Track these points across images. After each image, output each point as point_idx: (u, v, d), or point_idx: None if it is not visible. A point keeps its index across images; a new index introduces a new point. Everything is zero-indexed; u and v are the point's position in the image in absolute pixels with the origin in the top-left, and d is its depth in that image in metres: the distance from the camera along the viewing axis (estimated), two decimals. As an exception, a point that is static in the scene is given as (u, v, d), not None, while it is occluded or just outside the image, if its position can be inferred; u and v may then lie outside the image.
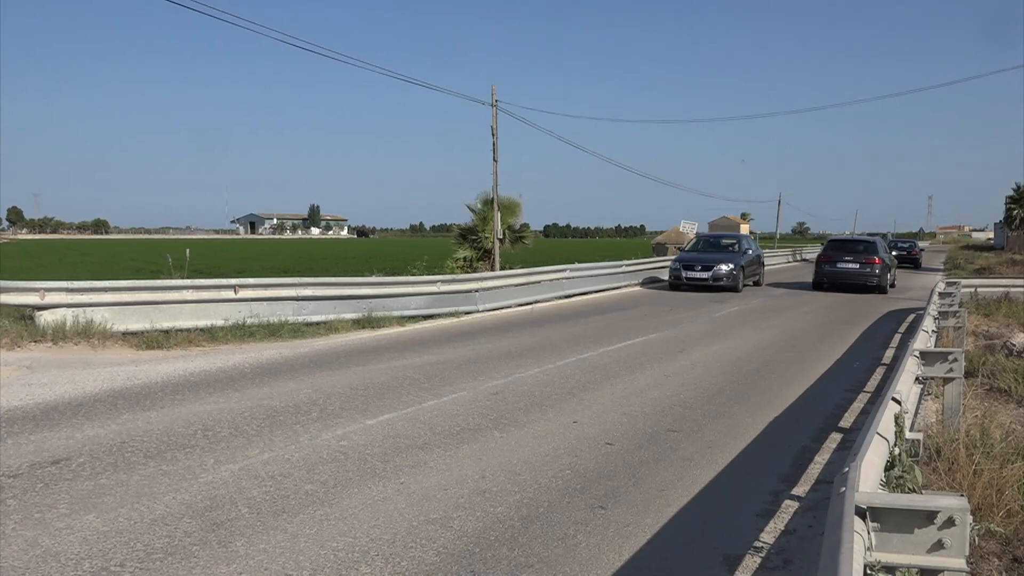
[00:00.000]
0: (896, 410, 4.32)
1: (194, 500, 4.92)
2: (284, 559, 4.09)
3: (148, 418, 6.89)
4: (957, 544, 2.53)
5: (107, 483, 5.20)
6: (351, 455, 5.92)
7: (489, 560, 4.14)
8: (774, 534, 4.63)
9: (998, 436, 5.81)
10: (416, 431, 6.63)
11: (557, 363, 10.05)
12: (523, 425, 6.90)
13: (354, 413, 7.20)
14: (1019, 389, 8.25)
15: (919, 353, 6.31)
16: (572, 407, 7.61)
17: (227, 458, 5.79)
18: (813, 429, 7.04)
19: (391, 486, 5.25)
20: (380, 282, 14.96)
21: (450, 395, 8.05)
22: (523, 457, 5.95)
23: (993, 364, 9.20)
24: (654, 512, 4.89)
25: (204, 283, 12.48)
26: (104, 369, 9.08)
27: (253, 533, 4.42)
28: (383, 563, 4.07)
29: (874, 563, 2.57)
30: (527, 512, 4.84)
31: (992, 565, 4.13)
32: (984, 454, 5.19)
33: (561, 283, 19.94)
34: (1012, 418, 7.27)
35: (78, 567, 3.96)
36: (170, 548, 4.20)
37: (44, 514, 4.64)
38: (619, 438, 6.55)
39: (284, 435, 6.42)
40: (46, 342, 10.22)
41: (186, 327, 11.49)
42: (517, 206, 25.09)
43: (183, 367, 9.31)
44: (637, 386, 8.68)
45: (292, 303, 12.85)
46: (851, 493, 2.67)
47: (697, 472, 5.70)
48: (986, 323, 14.35)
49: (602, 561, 4.17)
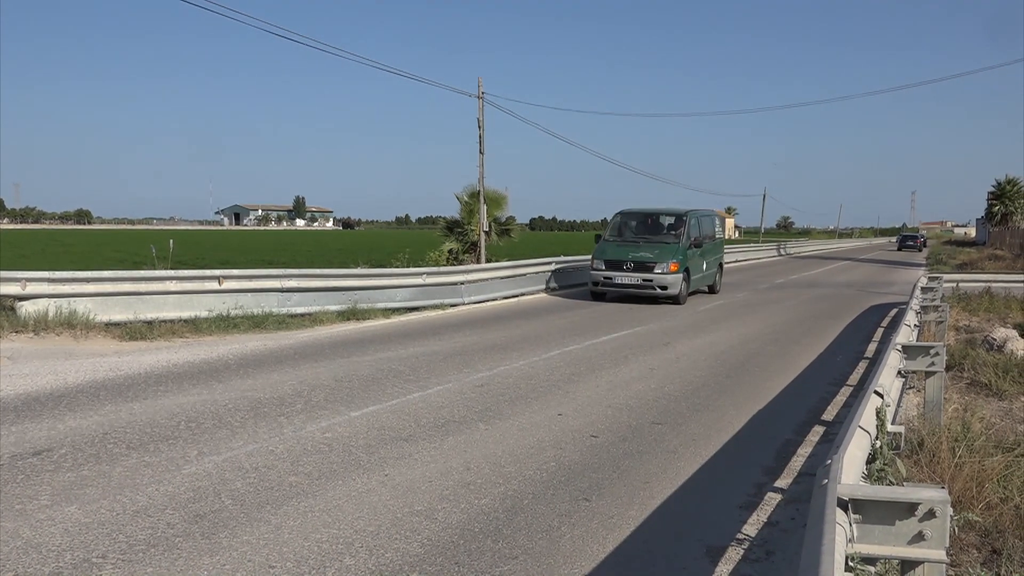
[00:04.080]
0: (878, 403, 4.36)
1: (177, 492, 4.90)
2: (268, 551, 4.07)
3: (131, 409, 6.84)
4: (937, 536, 2.56)
5: (89, 474, 5.17)
6: (335, 447, 5.90)
7: (473, 552, 4.14)
8: (757, 526, 4.66)
9: (979, 429, 5.87)
10: (401, 423, 6.62)
11: (543, 355, 10.06)
12: (508, 417, 6.90)
13: (339, 405, 7.18)
14: (999, 383, 8.33)
15: (901, 347, 6.36)
16: (557, 400, 7.62)
17: (211, 450, 5.76)
18: (796, 422, 7.08)
19: (376, 478, 5.24)
20: (365, 274, 14.91)
21: (435, 387, 8.04)
22: (508, 449, 5.96)
23: (974, 358, 9.28)
24: (638, 504, 4.91)
25: (188, 274, 12.40)
26: (87, 360, 9.01)
27: (237, 525, 4.40)
28: (367, 555, 4.07)
29: (855, 554, 2.59)
30: (512, 504, 4.84)
31: (972, 556, 4.17)
32: (965, 447, 5.24)
33: (547, 275, 19.94)
34: (992, 412, 7.34)
35: (59, 559, 3.93)
36: (153, 540, 4.18)
37: (25, 505, 4.61)
38: (604, 430, 6.56)
39: (268, 427, 6.40)
40: (28, 333, 10.13)
41: (170, 318, 11.41)
42: (503, 199, 25.06)
43: (166, 358, 9.25)
44: (622, 379, 8.71)
45: (277, 294, 12.78)
46: (833, 485, 2.69)
47: (681, 464, 5.73)
48: (967, 318, 14.48)
49: (586, 553, 4.18)
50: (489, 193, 23.25)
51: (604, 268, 16.93)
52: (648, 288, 16.41)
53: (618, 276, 16.72)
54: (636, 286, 16.57)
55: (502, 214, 25.16)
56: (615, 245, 17.39)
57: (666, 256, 16.59)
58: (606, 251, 17.23)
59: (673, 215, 18.20)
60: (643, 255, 16.69)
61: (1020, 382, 8.38)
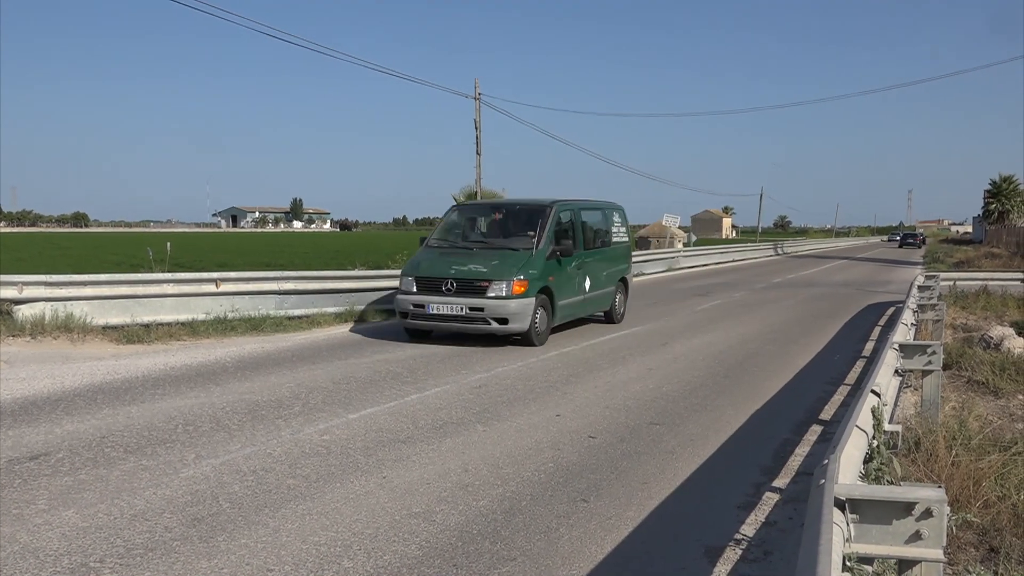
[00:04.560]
0: (875, 403, 4.36)
1: (175, 495, 4.89)
2: (266, 554, 4.07)
3: (128, 413, 6.83)
4: (935, 535, 2.56)
5: (86, 478, 5.16)
6: (333, 449, 5.90)
7: (472, 554, 4.14)
8: (755, 526, 4.67)
9: (976, 428, 5.88)
10: (399, 425, 6.62)
11: (540, 357, 10.06)
12: (506, 419, 6.90)
13: (336, 407, 7.18)
14: (996, 381, 8.34)
15: (898, 346, 6.37)
16: (555, 401, 7.63)
17: (208, 453, 5.76)
18: (794, 422, 7.09)
19: (373, 480, 5.24)
20: (363, 275, 14.89)
21: (433, 389, 8.04)
22: (506, 451, 5.96)
23: (971, 357, 9.29)
24: (636, 505, 4.91)
25: (185, 276, 12.40)
26: (84, 363, 9.00)
27: (235, 528, 4.40)
28: (365, 557, 4.06)
29: (852, 554, 2.59)
30: (510, 506, 4.84)
31: (969, 555, 4.18)
32: (962, 446, 5.25)
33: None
34: (989, 410, 7.35)
35: (57, 563, 3.92)
36: (151, 544, 4.17)
37: (22, 510, 4.60)
38: (601, 431, 6.57)
39: (266, 430, 6.39)
40: (24, 336, 10.11)
41: (167, 321, 11.39)
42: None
43: (164, 361, 9.24)
44: (620, 379, 8.71)
45: (274, 297, 12.77)
46: (830, 485, 2.69)
47: (679, 465, 5.73)
48: (964, 316, 14.50)
49: (584, 554, 4.18)
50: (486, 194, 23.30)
51: (415, 291, 11.00)
52: (477, 322, 10.58)
53: (433, 303, 10.73)
54: (460, 319, 10.66)
55: (499, 215, 25.17)
56: (437, 254, 11.57)
57: (507, 270, 10.68)
58: (420, 264, 11.34)
59: (531, 208, 12.24)
60: (472, 269, 10.85)
61: (1017, 380, 8.40)
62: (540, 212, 11.87)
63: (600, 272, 12.89)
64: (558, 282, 11.40)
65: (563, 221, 12.01)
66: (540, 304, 10.87)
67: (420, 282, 11.05)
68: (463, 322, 10.71)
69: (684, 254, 33.03)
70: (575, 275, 12.00)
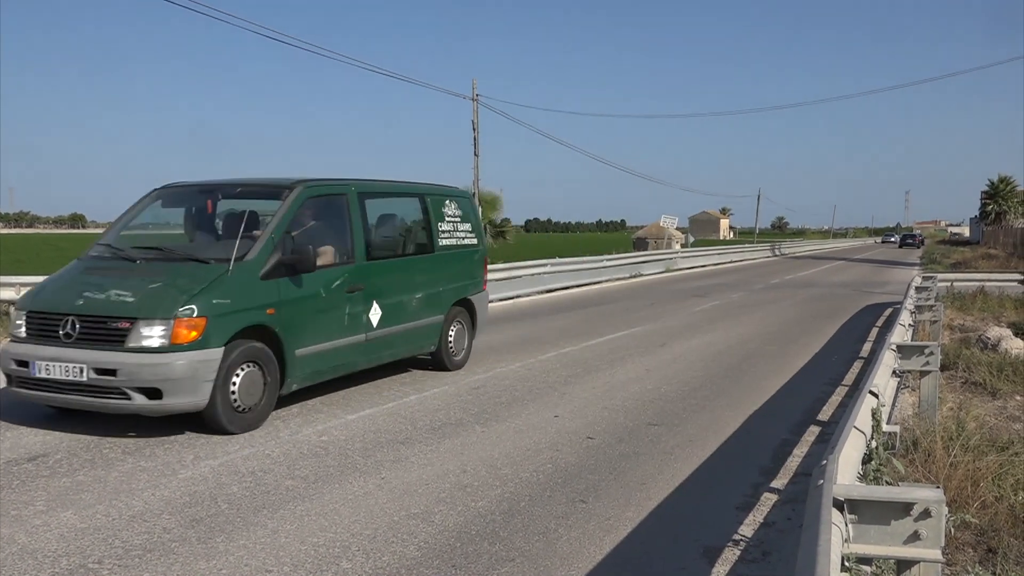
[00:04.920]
0: (873, 403, 4.37)
1: (173, 496, 4.89)
2: (264, 555, 4.07)
3: (126, 414, 6.81)
4: (933, 535, 2.57)
5: (85, 480, 5.16)
6: (332, 450, 5.90)
7: (470, 555, 4.14)
8: (753, 527, 4.67)
9: (973, 428, 5.88)
10: (397, 426, 6.62)
11: (538, 357, 10.06)
12: (504, 419, 6.90)
13: (335, 408, 7.17)
14: (994, 382, 8.35)
15: (896, 347, 6.38)
16: (553, 401, 7.63)
17: (207, 454, 5.75)
18: (792, 422, 7.09)
19: (372, 481, 5.23)
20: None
21: (431, 390, 8.04)
22: (504, 452, 5.96)
23: (969, 357, 9.30)
24: (635, 505, 4.91)
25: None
26: (81, 365, 8.96)
27: (233, 529, 4.39)
28: (364, 558, 4.06)
29: (851, 555, 2.60)
30: (508, 506, 4.84)
31: (967, 556, 4.18)
32: (960, 446, 5.25)
33: (542, 278, 19.94)
34: (987, 411, 7.36)
35: (55, 564, 3.92)
36: (149, 545, 4.17)
37: (20, 511, 4.59)
38: (600, 432, 6.57)
39: (264, 430, 6.39)
40: (22, 338, 10.08)
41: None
42: (498, 201, 25.14)
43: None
44: (619, 380, 8.71)
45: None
46: (829, 485, 2.70)
47: (678, 465, 5.73)
48: (962, 317, 14.52)
49: (583, 555, 4.18)
50: (484, 195, 23.31)
51: (23, 335, 6.47)
52: (109, 395, 5.98)
53: (42, 360, 6.15)
54: (80, 389, 6.04)
55: (497, 216, 25.25)
56: (80, 271, 6.97)
57: (166, 299, 6.14)
58: (44, 288, 6.90)
59: (258, 192, 7.91)
60: (110, 297, 6.26)
61: (1014, 381, 8.41)
62: (271, 198, 7.36)
63: (411, 293, 8.38)
64: (293, 315, 6.81)
65: (317, 214, 7.45)
66: (244, 358, 6.33)
67: (33, 321, 6.45)
68: (87, 394, 6.04)
69: (682, 255, 33.09)
70: (342, 302, 7.38)
